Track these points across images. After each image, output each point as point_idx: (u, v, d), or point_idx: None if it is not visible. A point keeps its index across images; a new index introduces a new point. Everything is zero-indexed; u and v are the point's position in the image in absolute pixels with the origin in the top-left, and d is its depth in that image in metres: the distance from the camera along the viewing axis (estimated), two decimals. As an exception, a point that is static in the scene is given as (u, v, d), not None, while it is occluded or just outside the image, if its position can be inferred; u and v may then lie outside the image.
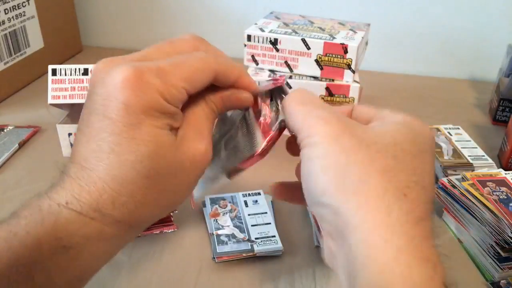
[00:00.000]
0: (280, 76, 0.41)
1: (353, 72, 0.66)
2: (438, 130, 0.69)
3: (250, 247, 0.49)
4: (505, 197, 0.50)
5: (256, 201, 0.56)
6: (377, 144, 0.26)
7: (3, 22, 0.80)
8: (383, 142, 0.27)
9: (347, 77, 0.66)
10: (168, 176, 0.28)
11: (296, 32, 0.68)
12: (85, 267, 0.27)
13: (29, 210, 0.26)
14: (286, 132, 0.33)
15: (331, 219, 0.26)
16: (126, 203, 0.26)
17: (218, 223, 0.52)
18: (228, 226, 0.52)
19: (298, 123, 0.29)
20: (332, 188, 0.26)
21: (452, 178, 0.54)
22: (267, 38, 0.68)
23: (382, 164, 0.26)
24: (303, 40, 0.66)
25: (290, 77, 0.68)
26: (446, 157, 0.62)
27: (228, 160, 0.35)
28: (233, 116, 0.37)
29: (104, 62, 0.28)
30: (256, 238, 0.50)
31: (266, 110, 0.34)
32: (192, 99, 0.29)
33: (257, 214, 0.54)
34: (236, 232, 0.51)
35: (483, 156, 0.63)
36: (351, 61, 0.65)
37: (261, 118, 0.34)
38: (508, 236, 0.46)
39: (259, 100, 0.35)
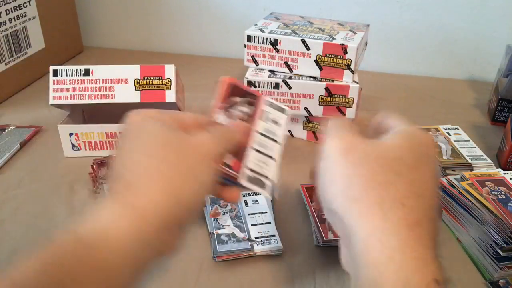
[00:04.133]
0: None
1: (353, 72, 0.66)
2: (437, 130, 0.69)
3: (250, 247, 0.49)
4: (504, 197, 0.50)
5: (256, 200, 0.56)
6: (381, 159, 0.30)
7: (4, 23, 0.80)
8: (388, 157, 0.30)
9: (347, 78, 0.66)
10: (186, 158, 0.31)
11: (295, 33, 0.68)
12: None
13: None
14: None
15: (339, 225, 0.30)
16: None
17: (218, 223, 0.52)
18: (228, 225, 0.52)
19: (324, 137, 0.33)
20: (339, 197, 0.30)
21: (451, 178, 0.55)
22: (267, 38, 0.68)
23: (383, 178, 0.29)
24: (303, 41, 0.66)
25: (290, 77, 0.68)
26: (445, 157, 0.62)
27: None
28: None
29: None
30: (256, 238, 0.50)
31: None
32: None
33: (257, 213, 0.54)
34: (236, 231, 0.51)
35: (482, 156, 0.63)
36: (351, 62, 0.65)
37: None
38: (507, 235, 0.46)
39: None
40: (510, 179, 0.53)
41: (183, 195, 0.30)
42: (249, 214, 0.54)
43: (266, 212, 0.54)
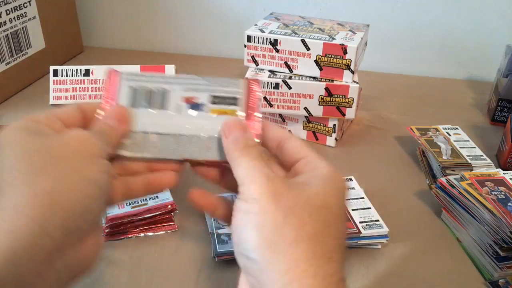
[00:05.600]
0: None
1: (352, 72, 0.66)
2: (437, 130, 0.69)
3: (250, 246, 0.49)
4: (504, 197, 0.50)
5: (256, 200, 0.56)
6: (310, 207, 0.28)
7: (5, 23, 0.80)
8: (315, 205, 0.28)
9: (347, 78, 0.66)
10: (58, 161, 0.28)
11: (295, 33, 0.68)
12: None
13: None
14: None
15: (256, 274, 0.28)
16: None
17: (218, 222, 0.52)
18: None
19: (242, 174, 0.30)
20: (264, 245, 0.27)
21: (451, 177, 0.55)
22: (267, 39, 0.68)
23: (312, 229, 0.27)
24: (303, 41, 0.66)
25: (290, 78, 0.68)
26: (444, 157, 0.62)
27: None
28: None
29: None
30: (256, 238, 0.50)
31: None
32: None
33: (257, 213, 0.54)
34: (237, 231, 0.51)
35: (482, 156, 0.63)
36: (350, 62, 0.65)
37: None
38: (507, 235, 0.46)
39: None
40: (510, 179, 0.53)
41: (62, 198, 0.27)
42: (249, 214, 0.54)
43: (266, 212, 0.54)
